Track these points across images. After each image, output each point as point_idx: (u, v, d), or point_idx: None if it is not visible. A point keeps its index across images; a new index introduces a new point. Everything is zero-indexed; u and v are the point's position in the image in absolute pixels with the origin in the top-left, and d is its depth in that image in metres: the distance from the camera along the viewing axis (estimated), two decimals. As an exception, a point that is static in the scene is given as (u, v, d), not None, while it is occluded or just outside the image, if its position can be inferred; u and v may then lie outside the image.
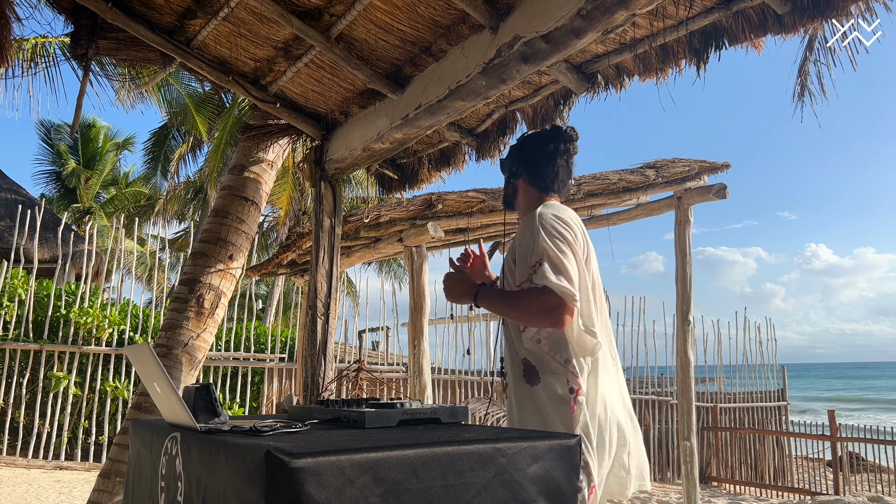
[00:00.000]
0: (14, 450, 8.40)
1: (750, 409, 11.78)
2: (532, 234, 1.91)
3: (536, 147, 2.16)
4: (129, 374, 8.82)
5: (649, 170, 5.24)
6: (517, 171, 2.18)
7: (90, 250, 9.54)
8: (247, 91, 3.49)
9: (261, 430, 1.41)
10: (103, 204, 21.01)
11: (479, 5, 2.51)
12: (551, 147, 2.14)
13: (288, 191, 12.68)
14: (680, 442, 5.27)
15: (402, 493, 1.18)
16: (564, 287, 1.79)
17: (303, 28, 2.88)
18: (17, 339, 8.57)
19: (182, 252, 18.66)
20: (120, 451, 3.74)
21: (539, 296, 1.81)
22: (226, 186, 4.37)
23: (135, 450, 1.85)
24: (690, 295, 5.15)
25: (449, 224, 5.76)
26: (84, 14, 3.22)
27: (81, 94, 3.58)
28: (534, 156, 2.15)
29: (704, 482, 10.85)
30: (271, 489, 1.08)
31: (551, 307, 1.80)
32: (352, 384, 5.48)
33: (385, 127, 3.19)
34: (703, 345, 11.74)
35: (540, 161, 2.14)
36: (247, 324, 9.78)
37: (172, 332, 3.94)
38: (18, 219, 9.48)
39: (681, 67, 2.71)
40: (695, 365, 5.36)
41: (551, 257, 1.83)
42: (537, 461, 1.35)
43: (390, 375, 9.86)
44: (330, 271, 3.57)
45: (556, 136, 2.16)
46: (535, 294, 1.82)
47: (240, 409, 9.17)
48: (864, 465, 11.11)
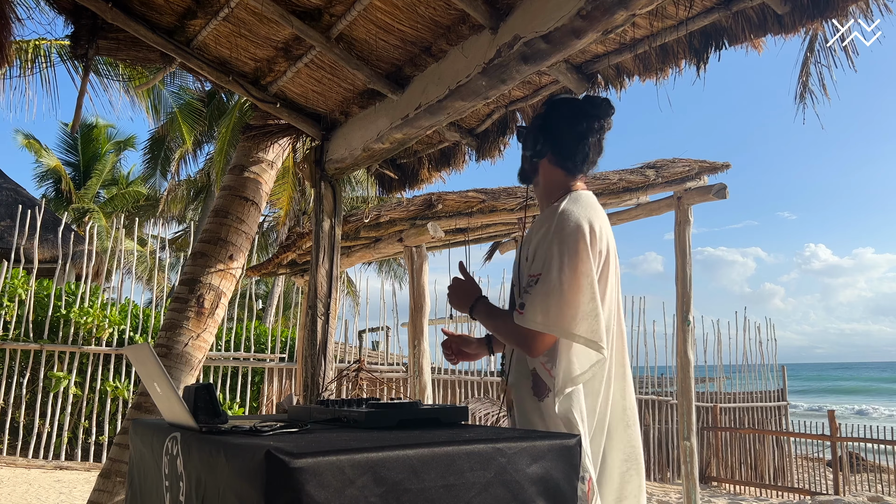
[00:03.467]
0: (14, 450, 8.40)
1: (750, 409, 11.78)
2: (547, 236, 1.74)
3: (566, 122, 1.89)
4: (129, 374, 8.82)
5: (649, 170, 5.24)
6: (542, 150, 1.91)
7: (90, 250, 9.54)
8: (247, 91, 3.49)
9: (261, 430, 1.42)
10: (103, 204, 20.99)
11: (479, 5, 2.52)
12: (584, 124, 1.87)
13: (288, 191, 12.68)
14: (680, 442, 5.27)
15: (402, 493, 1.18)
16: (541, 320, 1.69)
17: (303, 28, 2.89)
18: (18, 339, 8.57)
19: (182, 252, 18.65)
20: (120, 450, 3.74)
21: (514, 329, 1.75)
22: (226, 186, 4.37)
23: (136, 450, 1.85)
24: (690, 295, 5.16)
25: (449, 224, 5.76)
26: (84, 14, 3.22)
27: (81, 94, 3.58)
28: (562, 132, 1.88)
29: (704, 482, 10.85)
30: (271, 489, 1.09)
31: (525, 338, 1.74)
32: (352, 384, 5.47)
33: (385, 127, 3.19)
34: (703, 345, 11.76)
35: (570, 139, 1.87)
36: (247, 324, 9.79)
37: (172, 332, 3.94)
38: (18, 219, 9.48)
39: (681, 67, 2.71)
40: (695, 365, 5.36)
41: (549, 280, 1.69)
42: (537, 461, 1.36)
43: (390, 375, 9.86)
44: (330, 271, 3.57)
45: (589, 109, 1.90)
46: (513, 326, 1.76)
47: (240, 409, 9.17)
48: (864, 465, 11.12)
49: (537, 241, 1.78)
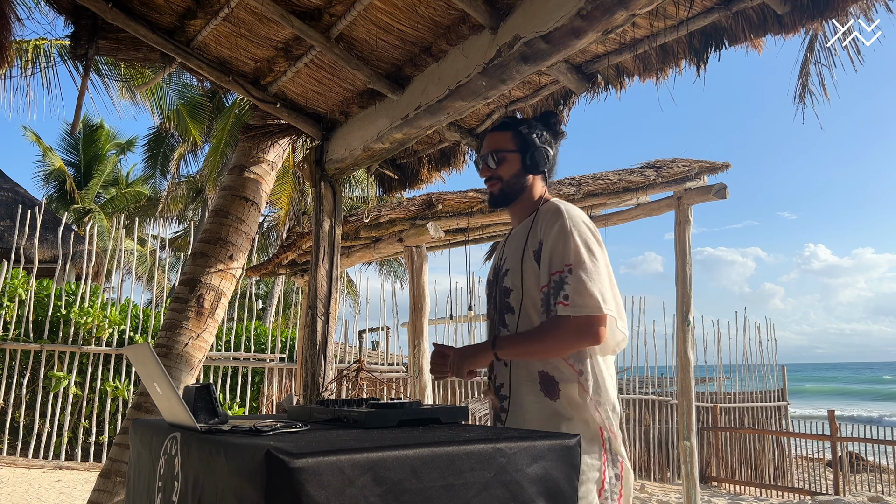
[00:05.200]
0: (14, 450, 8.40)
1: (750, 409, 11.78)
2: (562, 230, 1.78)
3: (543, 137, 1.99)
4: (129, 374, 8.82)
5: (649, 170, 5.24)
6: (535, 161, 1.96)
7: (90, 250, 9.54)
8: (247, 91, 3.49)
9: (261, 430, 1.42)
10: (103, 204, 21.00)
11: (479, 5, 2.52)
12: (551, 134, 2.02)
13: (288, 191, 12.67)
14: (680, 442, 5.27)
15: (402, 493, 1.18)
16: (596, 301, 1.70)
17: (303, 28, 2.89)
18: (18, 339, 8.57)
19: (182, 252, 18.66)
20: (120, 451, 3.74)
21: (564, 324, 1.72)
22: (226, 186, 4.37)
23: (135, 450, 1.85)
24: (690, 295, 5.16)
25: (449, 224, 5.76)
26: (84, 14, 3.22)
27: (82, 94, 3.59)
28: (543, 147, 1.98)
29: (704, 482, 10.85)
30: (271, 489, 1.09)
31: (586, 326, 1.71)
32: (352, 384, 5.48)
33: (385, 127, 3.19)
34: (703, 345, 11.75)
35: (548, 152, 1.98)
36: (247, 324, 9.79)
37: (172, 332, 3.94)
38: (18, 219, 9.48)
39: (681, 67, 2.72)
40: (695, 365, 5.36)
41: (586, 265, 1.74)
42: (537, 461, 1.36)
43: (390, 375, 9.86)
44: (330, 271, 3.57)
45: (553, 121, 2.05)
46: (560, 322, 1.73)
47: (240, 409, 9.18)
48: (864, 465, 11.12)
49: (553, 239, 1.79)
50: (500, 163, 1.99)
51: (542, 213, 1.88)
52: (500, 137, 2.00)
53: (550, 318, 1.76)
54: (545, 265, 1.79)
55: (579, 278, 1.72)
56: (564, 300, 1.72)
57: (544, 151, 1.96)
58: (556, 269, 1.76)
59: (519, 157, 1.97)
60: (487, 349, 1.86)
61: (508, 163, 1.98)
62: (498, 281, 1.97)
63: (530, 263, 1.84)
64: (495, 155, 1.99)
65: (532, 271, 1.84)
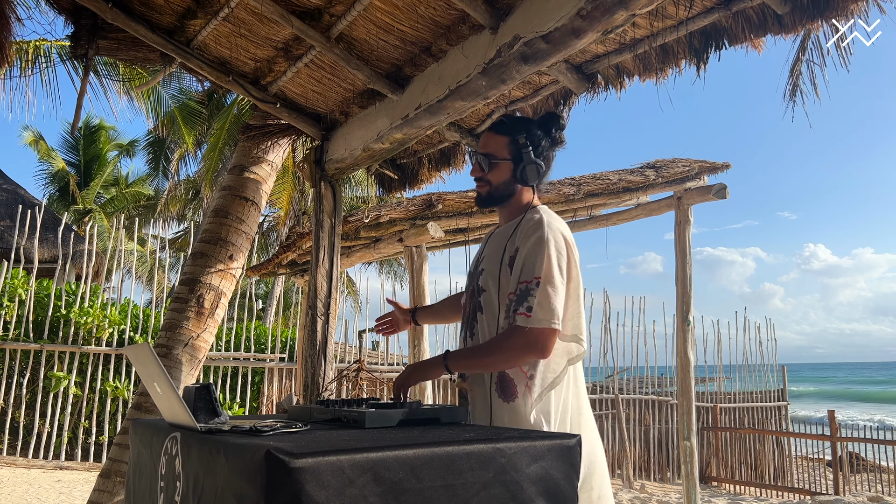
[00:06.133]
0: (14, 450, 8.40)
1: (750, 409, 11.78)
2: (539, 242, 1.80)
3: (539, 149, 1.96)
4: (129, 374, 8.82)
5: (649, 170, 5.24)
6: (525, 176, 1.95)
7: (90, 250, 9.54)
8: (247, 91, 3.49)
9: (261, 430, 1.42)
10: (104, 204, 21.00)
11: (479, 5, 2.52)
12: (550, 142, 1.99)
13: (288, 191, 12.69)
14: (680, 442, 5.27)
15: (402, 493, 1.18)
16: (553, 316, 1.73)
17: (303, 28, 2.89)
18: (18, 339, 8.57)
19: (182, 252, 18.66)
20: (120, 451, 3.74)
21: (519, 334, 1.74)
22: (226, 186, 4.37)
23: (135, 450, 1.85)
24: (690, 295, 5.15)
25: (449, 224, 5.76)
26: (84, 14, 3.22)
27: (82, 94, 3.59)
28: (536, 163, 1.95)
29: (704, 482, 10.85)
30: (271, 489, 1.09)
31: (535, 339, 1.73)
32: (352, 384, 5.47)
33: (385, 127, 3.19)
34: (703, 345, 11.75)
35: (541, 167, 1.96)
36: (247, 324, 9.79)
37: (172, 332, 3.94)
38: (18, 219, 9.48)
39: (681, 67, 2.72)
40: (695, 365, 5.36)
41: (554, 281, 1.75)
42: (537, 461, 1.36)
43: (390, 375, 9.86)
44: (330, 271, 3.57)
45: (554, 128, 2.00)
46: (516, 332, 1.74)
47: (240, 409, 9.18)
48: (864, 465, 11.11)
49: (528, 249, 1.81)
50: (492, 168, 1.98)
51: (524, 221, 1.89)
52: (495, 141, 1.98)
53: (507, 328, 1.78)
54: (516, 272, 1.82)
55: (546, 293, 1.75)
56: (527, 311, 1.75)
57: (537, 167, 1.94)
58: (525, 279, 1.78)
59: (511, 166, 1.96)
60: (439, 364, 1.88)
61: (499, 170, 1.97)
62: (475, 276, 2.00)
63: (504, 269, 1.86)
64: (487, 160, 1.98)
65: (506, 277, 1.86)
